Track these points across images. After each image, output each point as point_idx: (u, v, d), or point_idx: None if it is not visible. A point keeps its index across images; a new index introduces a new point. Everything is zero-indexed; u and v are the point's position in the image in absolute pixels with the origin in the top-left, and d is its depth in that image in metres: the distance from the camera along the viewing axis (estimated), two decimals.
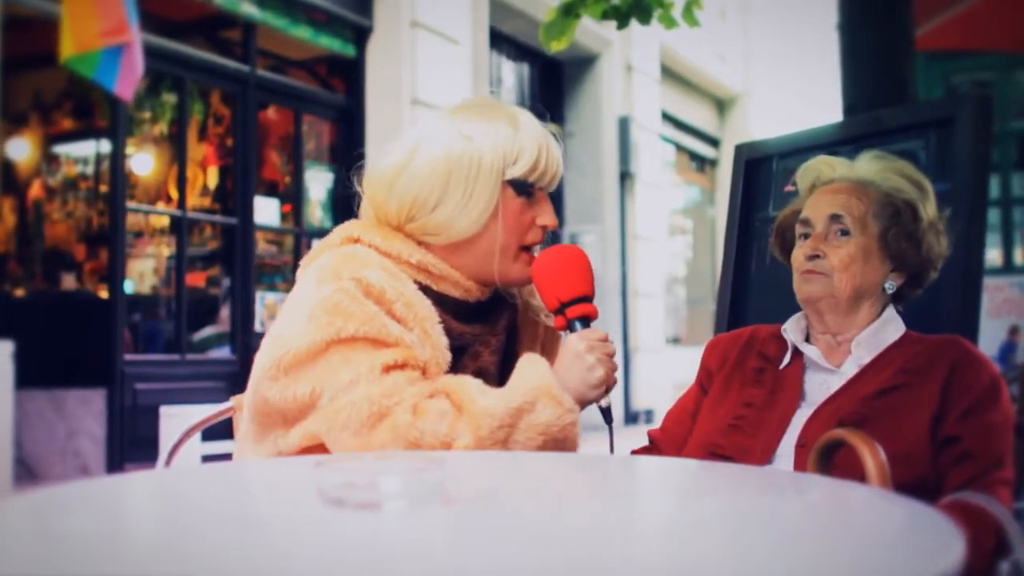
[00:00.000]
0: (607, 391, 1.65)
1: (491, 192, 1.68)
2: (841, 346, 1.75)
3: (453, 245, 1.71)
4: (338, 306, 1.56)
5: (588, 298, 1.70)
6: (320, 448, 1.55)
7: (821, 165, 1.84)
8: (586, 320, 1.68)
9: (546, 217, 1.74)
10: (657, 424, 1.97)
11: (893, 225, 1.72)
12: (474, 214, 1.68)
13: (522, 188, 1.71)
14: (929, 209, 1.74)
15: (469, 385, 1.56)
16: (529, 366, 1.60)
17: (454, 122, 1.72)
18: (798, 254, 1.77)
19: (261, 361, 1.60)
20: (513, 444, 1.52)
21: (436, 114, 1.78)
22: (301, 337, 1.55)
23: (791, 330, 1.79)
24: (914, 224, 1.72)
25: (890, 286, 1.74)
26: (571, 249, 1.74)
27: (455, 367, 1.66)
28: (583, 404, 1.62)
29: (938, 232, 1.76)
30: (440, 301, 1.68)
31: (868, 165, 1.80)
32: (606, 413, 1.71)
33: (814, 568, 0.80)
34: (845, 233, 1.72)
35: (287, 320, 1.60)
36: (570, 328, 1.68)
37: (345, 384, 1.52)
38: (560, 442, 1.56)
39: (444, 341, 1.65)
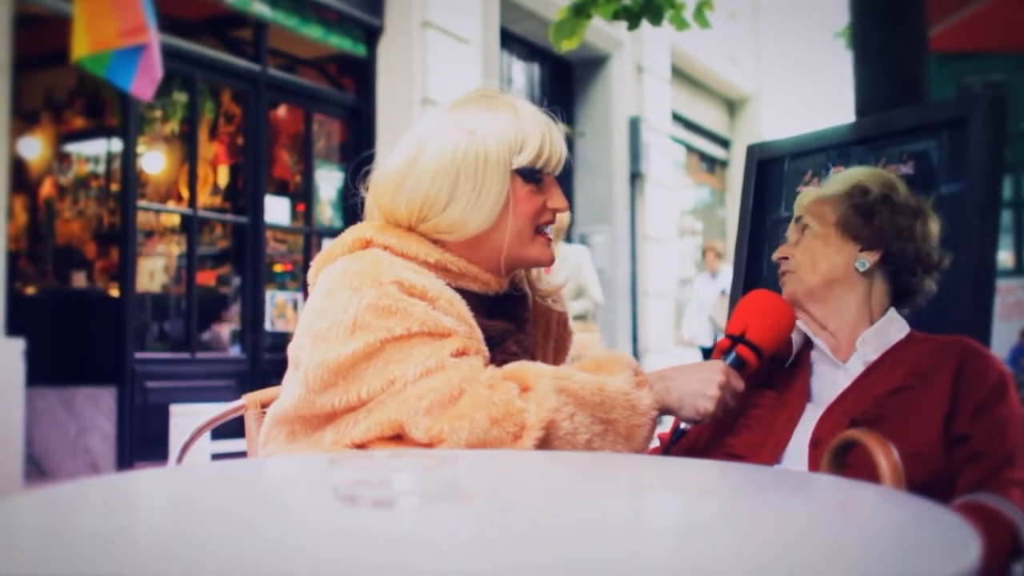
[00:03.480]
0: (696, 422, 1.67)
1: (501, 184, 1.68)
2: (841, 343, 1.76)
3: (469, 240, 1.70)
4: (388, 308, 1.55)
5: (762, 354, 1.73)
6: (387, 440, 1.55)
7: (802, 198, 1.90)
8: (742, 365, 1.71)
9: (556, 200, 1.75)
10: (666, 426, 1.97)
11: (846, 208, 1.78)
12: (486, 208, 1.68)
13: (530, 175, 1.71)
14: (877, 188, 1.79)
15: (537, 366, 1.59)
16: (612, 352, 1.67)
17: (455, 117, 1.71)
18: None
19: (307, 369, 1.57)
20: (579, 426, 1.52)
21: (436, 110, 1.77)
22: (354, 342, 1.54)
23: (797, 327, 1.81)
24: (863, 199, 1.78)
25: (861, 264, 1.76)
26: (789, 312, 1.77)
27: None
28: (668, 409, 1.64)
29: (906, 211, 1.78)
30: (462, 296, 1.68)
31: (833, 181, 1.87)
32: (676, 433, 1.75)
33: (827, 569, 0.79)
34: (806, 229, 1.81)
35: (327, 327, 1.57)
36: (725, 356, 1.72)
37: (417, 375, 1.52)
38: (627, 437, 1.57)
39: (480, 334, 1.65)
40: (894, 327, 1.75)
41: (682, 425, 1.71)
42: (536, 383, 1.53)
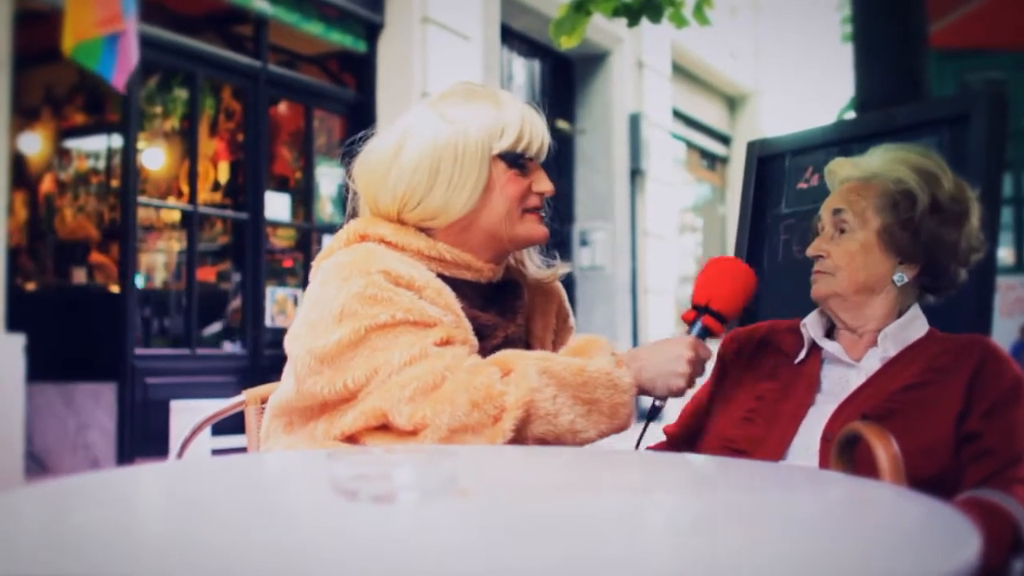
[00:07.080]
0: (670, 396, 1.70)
1: (479, 168, 1.72)
2: (863, 339, 1.75)
3: (457, 227, 1.74)
4: (374, 297, 1.58)
5: (727, 321, 1.75)
6: (374, 430, 1.57)
7: (834, 166, 1.88)
8: (708, 333, 1.74)
9: (541, 183, 1.78)
10: (667, 421, 1.97)
11: (890, 217, 1.73)
12: (467, 192, 1.72)
13: (512, 160, 1.74)
14: (925, 196, 1.71)
15: (521, 352, 1.62)
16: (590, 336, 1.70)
17: (438, 108, 1.76)
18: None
19: (296, 358, 1.61)
20: (561, 407, 1.55)
21: (420, 104, 1.83)
22: (340, 329, 1.57)
23: (811, 325, 1.80)
24: (910, 212, 1.71)
25: (899, 278, 1.73)
26: (749, 275, 1.79)
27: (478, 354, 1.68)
28: (642, 388, 1.66)
29: (952, 219, 1.72)
30: (454, 287, 1.70)
31: (876, 158, 1.81)
32: (654, 410, 1.76)
33: (827, 565, 0.79)
34: (845, 231, 1.75)
35: (318, 317, 1.61)
36: (691, 327, 1.74)
37: (401, 363, 1.55)
38: (610, 416, 1.59)
39: (468, 325, 1.68)
40: (915, 325, 1.74)
41: (656, 403, 1.73)
42: (517, 365, 1.56)
